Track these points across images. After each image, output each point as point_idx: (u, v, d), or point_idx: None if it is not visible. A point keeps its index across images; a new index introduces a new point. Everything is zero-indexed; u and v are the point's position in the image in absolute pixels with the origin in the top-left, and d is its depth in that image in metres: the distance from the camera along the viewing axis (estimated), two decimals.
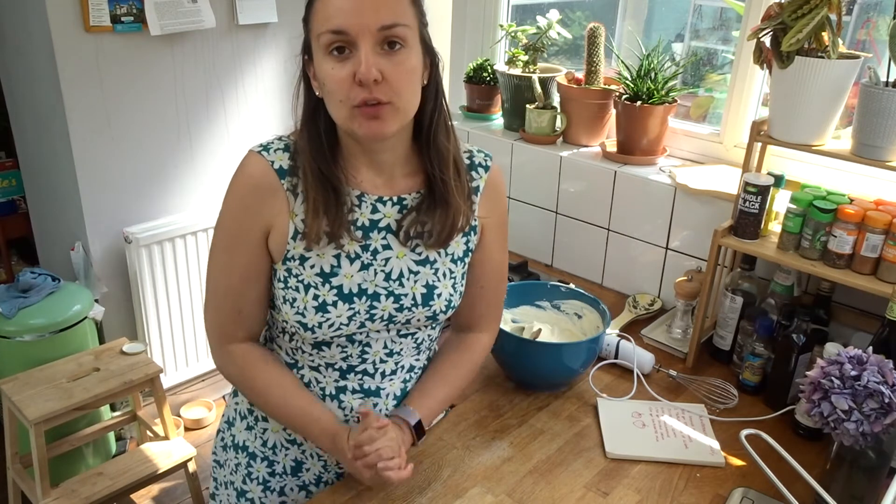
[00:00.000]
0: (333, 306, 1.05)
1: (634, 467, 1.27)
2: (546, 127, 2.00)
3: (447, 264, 1.12)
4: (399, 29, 0.95)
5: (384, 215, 1.08)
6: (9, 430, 2.09)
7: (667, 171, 1.81)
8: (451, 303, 1.13)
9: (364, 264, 1.07)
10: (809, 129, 1.37)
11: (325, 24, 0.94)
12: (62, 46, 2.22)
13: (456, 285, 1.13)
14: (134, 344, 2.25)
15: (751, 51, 1.45)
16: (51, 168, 2.51)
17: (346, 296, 1.06)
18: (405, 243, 1.08)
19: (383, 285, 1.08)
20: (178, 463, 2.16)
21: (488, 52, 2.32)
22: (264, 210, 1.04)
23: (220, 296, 1.10)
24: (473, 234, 1.14)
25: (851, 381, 1.05)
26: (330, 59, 0.95)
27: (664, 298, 1.82)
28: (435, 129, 1.06)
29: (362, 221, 1.07)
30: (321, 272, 1.05)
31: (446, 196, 1.06)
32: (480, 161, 1.15)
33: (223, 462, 1.27)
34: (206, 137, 2.65)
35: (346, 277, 1.06)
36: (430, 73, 1.05)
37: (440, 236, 1.08)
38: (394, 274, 1.08)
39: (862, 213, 1.31)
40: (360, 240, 1.06)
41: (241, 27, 2.59)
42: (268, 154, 1.05)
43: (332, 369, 1.13)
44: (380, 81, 0.94)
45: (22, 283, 2.25)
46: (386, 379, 1.15)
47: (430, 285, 1.10)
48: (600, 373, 1.54)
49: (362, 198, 1.07)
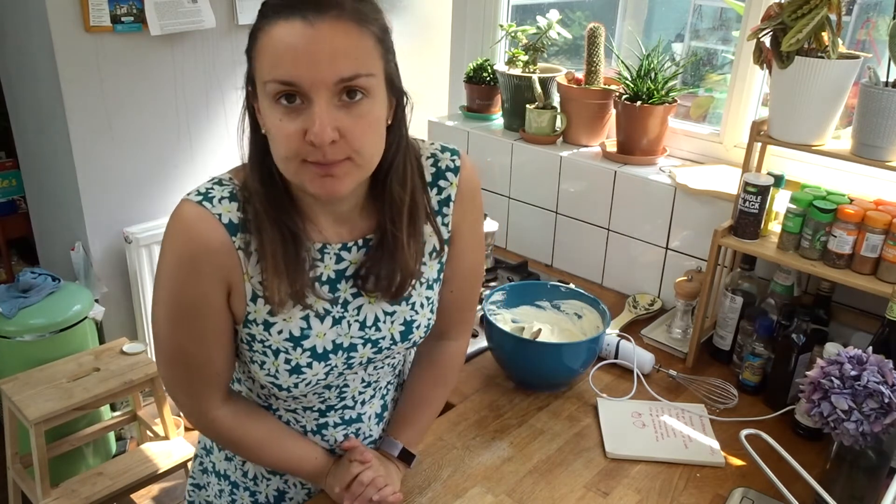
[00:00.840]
0: (308, 367, 0.96)
1: (634, 467, 1.27)
2: (546, 127, 2.00)
3: (423, 294, 1.03)
4: (361, 80, 0.80)
5: (350, 262, 0.97)
6: (9, 430, 2.09)
7: (667, 171, 1.81)
8: (429, 327, 1.07)
9: (335, 319, 0.97)
10: (809, 129, 1.37)
11: (271, 72, 0.79)
12: (62, 46, 2.22)
13: (433, 307, 1.06)
14: (134, 344, 2.25)
15: (751, 51, 1.45)
16: (51, 168, 2.51)
17: (321, 355, 0.97)
18: (358, 289, 0.98)
19: (359, 335, 0.99)
20: (178, 463, 2.16)
21: (488, 52, 2.32)
22: (220, 273, 0.89)
23: (183, 369, 0.96)
24: (447, 247, 1.05)
25: (851, 381, 1.05)
26: (277, 107, 0.80)
27: (664, 298, 1.82)
28: (391, 178, 0.93)
29: (327, 275, 0.96)
30: (290, 337, 0.94)
31: (394, 251, 0.95)
32: (448, 165, 1.01)
33: (203, 485, 1.20)
34: (206, 137, 2.65)
35: (318, 337, 0.96)
36: (394, 113, 0.91)
37: (389, 289, 0.97)
38: (368, 321, 0.99)
39: (862, 213, 1.31)
40: (328, 297, 0.95)
41: (241, 27, 2.59)
42: (211, 206, 0.88)
43: (311, 411, 1.06)
44: (337, 141, 0.80)
45: (22, 283, 2.25)
46: (366, 405, 1.11)
47: (408, 321, 1.02)
48: (600, 373, 1.54)
49: (324, 249, 0.95)
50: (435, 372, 1.17)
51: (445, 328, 1.15)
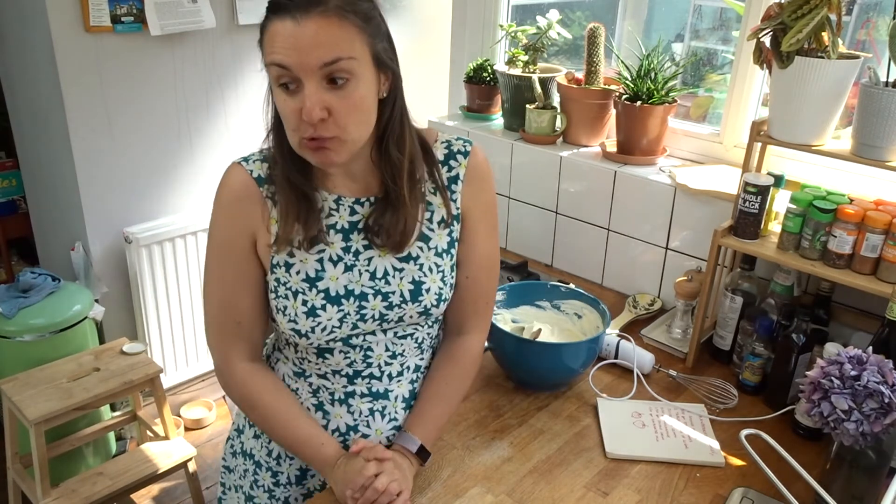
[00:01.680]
0: (322, 310, 1.06)
1: (634, 467, 1.27)
2: (546, 127, 2.00)
3: (431, 258, 1.11)
4: (342, 63, 0.93)
5: (361, 216, 1.09)
6: (9, 430, 2.09)
7: (667, 171, 1.81)
8: (441, 296, 1.12)
9: (347, 266, 1.08)
10: (809, 129, 1.37)
11: (270, 57, 0.95)
12: (62, 46, 2.22)
13: (445, 278, 1.13)
14: (134, 344, 2.25)
15: (751, 51, 1.45)
16: (51, 168, 2.51)
17: (334, 298, 1.07)
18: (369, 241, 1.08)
19: (369, 284, 1.08)
20: (178, 463, 2.16)
21: (488, 52, 2.32)
22: (248, 219, 1.06)
23: (217, 310, 1.11)
24: (456, 223, 1.13)
25: (851, 381, 1.05)
26: (280, 89, 0.96)
27: (664, 298, 1.82)
28: (387, 142, 1.05)
29: (341, 224, 1.08)
30: (307, 277, 1.07)
31: (396, 203, 1.06)
32: (459, 148, 1.13)
33: (233, 467, 1.27)
34: (206, 137, 2.65)
35: (331, 280, 1.07)
36: (389, 86, 1.03)
37: (392, 240, 1.07)
38: (378, 272, 1.09)
39: (862, 213, 1.31)
40: (330, 243, 1.07)
41: (241, 27, 2.59)
42: (247, 164, 1.08)
43: (339, 375, 1.13)
44: (326, 119, 0.94)
45: (22, 283, 2.25)
46: (393, 381, 1.16)
47: (416, 281, 1.10)
48: (600, 373, 1.54)
49: (339, 201, 1.09)
50: (451, 367, 1.19)
51: (462, 320, 1.20)
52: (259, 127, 1.09)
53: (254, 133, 2.73)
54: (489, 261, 1.18)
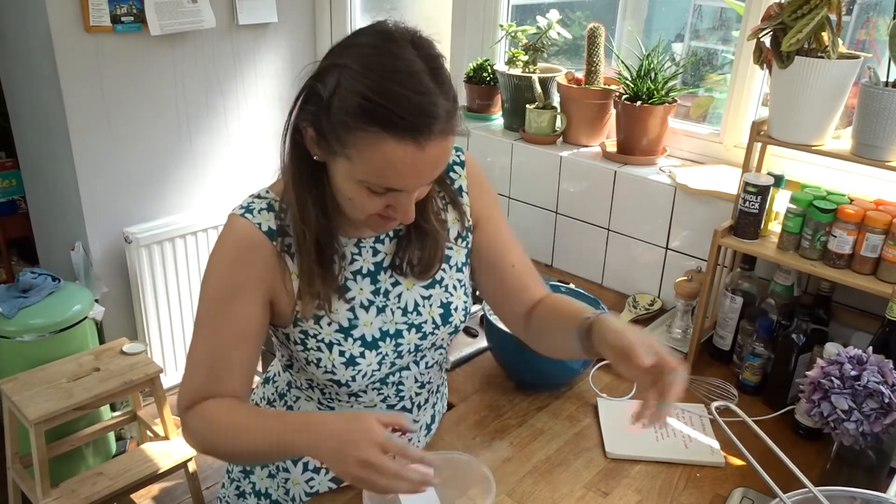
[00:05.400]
0: (361, 357, 1.04)
1: (634, 467, 1.27)
2: (546, 127, 2.00)
3: (454, 276, 1.12)
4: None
5: (385, 253, 1.07)
6: (9, 430, 2.09)
7: (667, 171, 1.81)
8: (466, 310, 1.13)
9: (379, 308, 1.06)
10: (809, 129, 1.37)
11: (377, 179, 0.88)
12: (62, 46, 2.21)
13: (467, 290, 1.14)
14: (134, 344, 2.25)
15: (751, 51, 1.45)
16: (51, 168, 2.51)
17: (371, 343, 1.05)
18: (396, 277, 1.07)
19: (402, 321, 1.07)
20: (178, 463, 2.16)
21: (488, 52, 2.32)
22: (258, 267, 0.98)
23: (198, 362, 1.01)
24: (470, 234, 1.15)
25: (851, 381, 1.05)
26: (365, 189, 0.90)
27: (664, 298, 1.82)
28: None
29: (367, 268, 1.06)
30: (340, 328, 1.03)
31: (427, 229, 1.05)
32: (454, 160, 1.13)
33: None
34: (206, 137, 2.65)
35: (365, 326, 1.05)
36: None
37: (423, 266, 1.07)
38: (409, 306, 1.08)
39: (862, 213, 1.31)
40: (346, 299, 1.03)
41: (241, 27, 2.59)
42: (252, 216, 0.99)
43: None
44: None
45: (22, 283, 2.25)
46: (421, 410, 1.17)
47: (445, 304, 1.10)
48: (600, 373, 1.54)
49: (360, 244, 1.05)
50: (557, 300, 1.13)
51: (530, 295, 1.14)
52: (260, 127, 1.08)
53: (254, 133, 2.73)
54: (515, 240, 1.19)
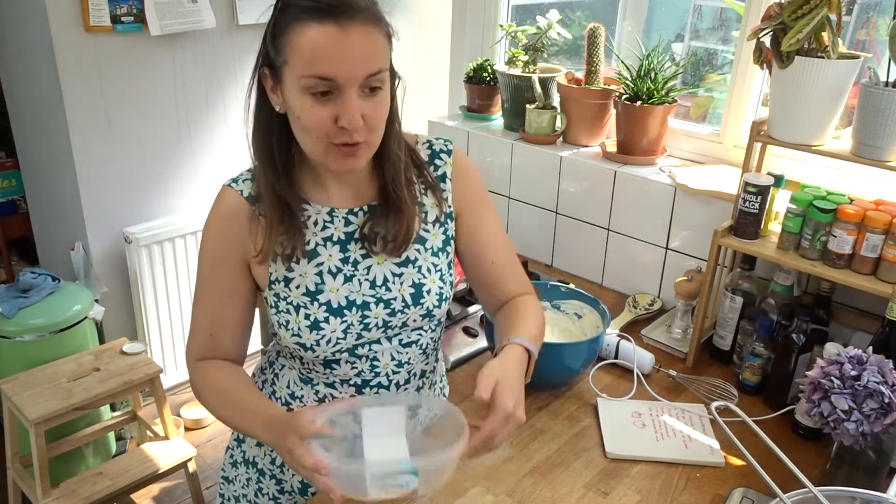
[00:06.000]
0: (325, 322, 1.06)
1: (634, 467, 1.27)
2: (546, 127, 2.00)
3: (429, 259, 1.12)
4: (382, 74, 0.95)
5: (357, 226, 1.09)
6: (9, 430, 2.09)
7: (667, 171, 1.81)
8: (442, 295, 1.12)
9: (347, 276, 1.08)
10: (809, 129, 1.37)
11: (309, 68, 0.91)
12: (62, 46, 2.22)
13: (444, 277, 1.13)
14: (134, 344, 2.25)
15: (751, 51, 1.45)
16: (51, 168, 2.51)
17: (336, 310, 1.06)
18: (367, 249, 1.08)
19: (370, 293, 1.08)
20: (178, 463, 2.16)
21: (488, 52, 2.32)
22: (241, 236, 1.06)
23: (197, 320, 1.11)
24: (451, 221, 1.14)
25: (851, 381, 1.05)
26: (309, 97, 0.93)
27: (664, 298, 1.82)
28: (389, 142, 1.05)
29: (337, 236, 1.08)
30: (307, 291, 1.06)
31: (399, 204, 1.07)
32: (441, 148, 1.15)
33: (233, 478, 1.27)
34: (206, 137, 2.65)
35: (332, 292, 1.07)
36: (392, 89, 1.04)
37: (395, 243, 1.07)
38: (378, 280, 1.09)
39: (862, 213, 1.31)
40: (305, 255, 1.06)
41: (241, 27, 2.59)
42: (237, 185, 1.07)
43: (347, 385, 1.13)
44: (361, 126, 0.95)
45: (22, 283, 2.25)
46: (401, 389, 1.16)
47: (417, 284, 1.10)
48: (600, 373, 1.54)
49: (333, 213, 1.08)
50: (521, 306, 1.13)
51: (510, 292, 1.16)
52: None
53: None
54: (501, 237, 1.19)
